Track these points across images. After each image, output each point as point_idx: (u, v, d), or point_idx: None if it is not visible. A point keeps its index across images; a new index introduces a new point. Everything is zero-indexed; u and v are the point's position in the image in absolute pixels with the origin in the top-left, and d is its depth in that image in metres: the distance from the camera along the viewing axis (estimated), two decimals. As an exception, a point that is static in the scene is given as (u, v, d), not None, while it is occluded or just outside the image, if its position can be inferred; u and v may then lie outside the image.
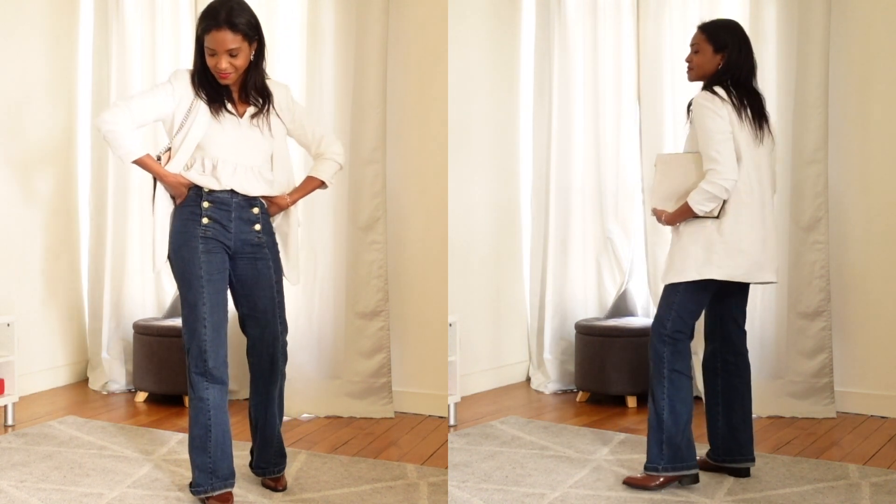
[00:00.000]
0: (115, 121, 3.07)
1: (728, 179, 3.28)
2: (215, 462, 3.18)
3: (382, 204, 4.54)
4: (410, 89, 4.62)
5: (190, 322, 3.13)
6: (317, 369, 4.60)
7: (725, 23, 3.51)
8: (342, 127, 4.55)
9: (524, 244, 5.29)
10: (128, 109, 3.09)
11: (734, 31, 3.44)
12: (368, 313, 4.55)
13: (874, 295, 4.51)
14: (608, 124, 5.02)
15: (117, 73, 4.96)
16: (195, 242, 3.14)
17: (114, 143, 3.09)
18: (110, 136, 3.07)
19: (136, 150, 3.11)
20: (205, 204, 3.15)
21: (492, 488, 3.45)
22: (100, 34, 5.05)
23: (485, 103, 5.06)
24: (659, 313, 3.45)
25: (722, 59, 3.39)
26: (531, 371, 5.23)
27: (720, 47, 3.40)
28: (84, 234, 5.21)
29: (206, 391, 3.15)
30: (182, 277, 3.15)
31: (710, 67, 3.41)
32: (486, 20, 5.07)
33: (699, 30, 3.47)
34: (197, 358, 3.13)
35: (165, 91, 3.15)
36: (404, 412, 4.59)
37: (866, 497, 3.33)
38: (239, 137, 3.19)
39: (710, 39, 3.41)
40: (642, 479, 3.44)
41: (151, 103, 3.14)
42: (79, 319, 5.23)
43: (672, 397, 3.39)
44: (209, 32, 3.06)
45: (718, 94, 3.35)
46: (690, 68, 3.47)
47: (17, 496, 3.27)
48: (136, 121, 3.11)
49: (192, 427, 3.18)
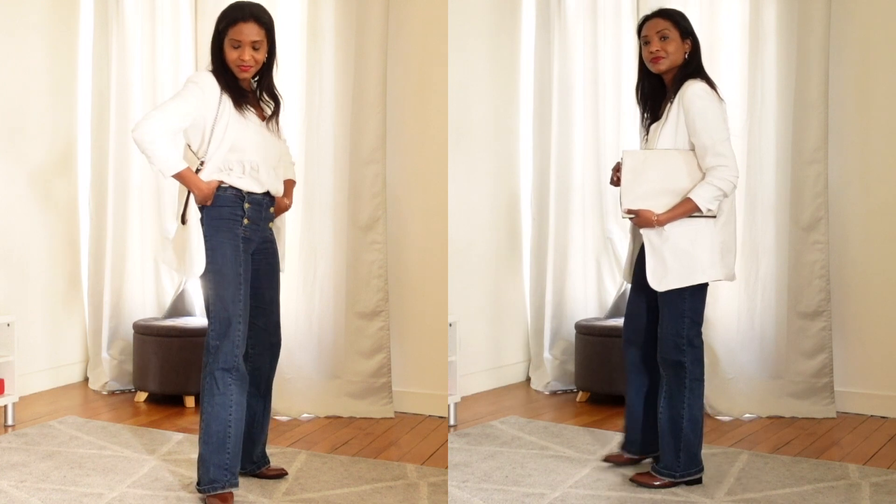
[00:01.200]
0: (154, 132, 3.02)
1: (736, 176, 3.25)
2: (232, 459, 3.21)
3: (382, 204, 4.54)
4: (410, 89, 4.62)
5: (224, 319, 3.17)
6: (317, 369, 4.60)
7: (679, 10, 3.45)
8: (342, 127, 4.55)
9: (524, 244, 5.29)
10: (164, 119, 3.05)
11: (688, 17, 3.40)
12: (368, 313, 4.55)
13: (874, 295, 4.51)
14: (608, 124, 5.02)
15: (117, 73, 4.96)
16: (237, 242, 3.19)
17: (154, 157, 3.05)
18: (150, 148, 3.03)
19: (178, 163, 3.09)
20: (246, 206, 3.21)
21: (492, 488, 3.45)
22: (100, 34, 5.05)
23: (485, 103, 5.06)
24: (668, 323, 3.33)
25: (689, 46, 3.33)
26: (531, 371, 5.23)
27: (686, 34, 3.33)
28: (84, 234, 5.21)
29: (229, 387, 3.19)
30: (222, 275, 3.16)
31: (680, 56, 3.32)
32: (486, 20, 5.07)
33: (662, 17, 3.34)
34: (228, 354, 3.18)
35: (196, 95, 3.12)
36: (404, 412, 4.59)
37: (866, 497, 3.33)
38: (264, 139, 3.26)
39: (678, 26, 3.32)
40: (647, 478, 3.44)
41: (186, 110, 3.10)
42: (79, 319, 5.23)
43: (692, 406, 3.36)
44: (235, 24, 3.14)
45: (714, 86, 3.31)
46: (660, 57, 3.30)
47: (17, 496, 3.27)
48: (173, 130, 3.09)
49: (210, 424, 3.18)
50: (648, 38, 3.34)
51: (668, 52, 3.30)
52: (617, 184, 3.42)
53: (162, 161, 3.06)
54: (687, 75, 3.32)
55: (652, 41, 3.32)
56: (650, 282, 3.30)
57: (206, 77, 3.17)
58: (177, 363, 4.64)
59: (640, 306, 3.51)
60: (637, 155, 3.36)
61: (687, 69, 3.33)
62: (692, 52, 3.34)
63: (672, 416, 3.38)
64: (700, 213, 3.28)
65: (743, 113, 4.49)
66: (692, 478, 3.42)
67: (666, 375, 3.40)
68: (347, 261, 4.58)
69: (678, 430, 3.37)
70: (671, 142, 3.31)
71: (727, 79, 4.53)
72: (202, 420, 3.20)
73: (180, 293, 5.03)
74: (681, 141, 3.30)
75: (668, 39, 3.30)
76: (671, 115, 3.31)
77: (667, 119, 3.33)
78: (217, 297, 3.17)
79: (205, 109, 3.13)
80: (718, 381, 4.50)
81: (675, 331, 3.33)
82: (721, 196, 3.25)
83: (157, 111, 3.09)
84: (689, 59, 3.33)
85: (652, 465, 3.50)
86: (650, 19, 3.36)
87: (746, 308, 4.55)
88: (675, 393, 3.37)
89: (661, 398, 3.42)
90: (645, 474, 3.47)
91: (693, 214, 3.28)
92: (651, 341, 3.48)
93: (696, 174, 3.28)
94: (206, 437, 3.20)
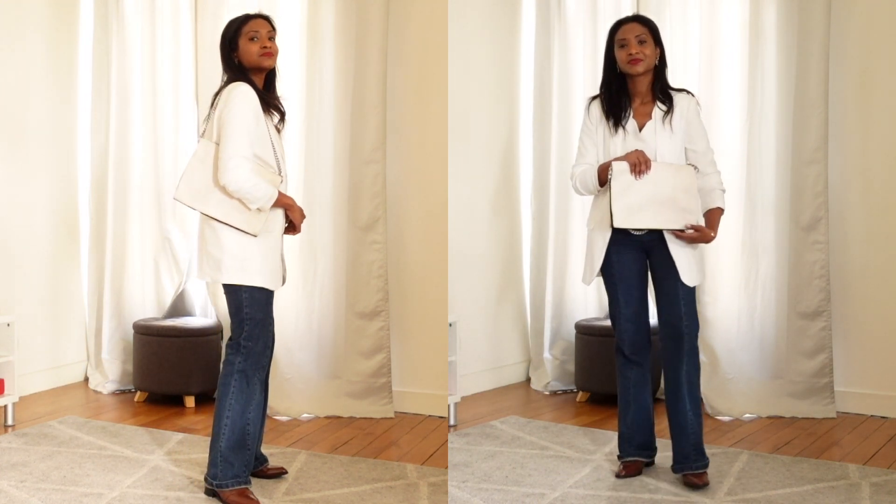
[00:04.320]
0: (247, 176, 3.09)
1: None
2: (250, 457, 3.29)
3: (382, 204, 4.54)
4: (410, 89, 4.62)
5: (259, 321, 3.23)
6: (317, 369, 4.61)
7: (651, 19, 3.55)
8: (342, 127, 4.55)
9: (524, 244, 5.29)
10: (244, 159, 3.11)
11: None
12: (368, 313, 4.55)
13: (874, 295, 4.51)
14: (608, 124, 5.02)
15: (117, 73, 4.96)
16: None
17: (253, 199, 3.12)
18: (249, 194, 3.11)
19: (273, 192, 3.16)
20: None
21: (492, 488, 3.45)
22: (100, 34, 5.05)
23: (485, 103, 5.06)
24: (690, 310, 3.43)
25: (658, 53, 3.44)
26: (531, 371, 5.23)
27: (658, 42, 3.45)
28: (84, 234, 5.21)
29: (255, 386, 3.26)
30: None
31: (653, 61, 3.43)
32: (487, 20, 5.07)
33: (640, 23, 3.43)
34: (260, 354, 3.25)
35: (251, 119, 3.14)
36: (404, 412, 4.59)
37: (866, 497, 3.33)
38: (283, 149, 3.36)
39: (653, 33, 3.43)
40: (703, 477, 3.48)
41: (252, 139, 3.15)
42: (79, 319, 5.23)
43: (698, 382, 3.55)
44: (248, 22, 3.26)
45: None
46: (640, 59, 3.38)
47: (17, 496, 3.27)
48: (251, 160, 3.14)
49: (235, 420, 3.22)
50: (626, 42, 3.42)
51: (646, 54, 3.40)
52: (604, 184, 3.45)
53: (262, 198, 3.13)
54: (666, 83, 3.47)
55: (630, 44, 3.41)
56: (687, 279, 3.39)
57: (248, 92, 3.17)
58: (177, 363, 4.64)
59: (642, 317, 3.56)
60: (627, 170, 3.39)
61: (663, 75, 3.47)
62: (661, 58, 3.47)
63: (693, 396, 3.44)
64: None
65: (743, 113, 4.50)
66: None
67: (688, 359, 3.42)
68: (347, 261, 4.58)
69: (700, 410, 3.48)
70: (678, 147, 3.44)
71: (727, 79, 4.54)
72: (225, 417, 3.22)
73: (180, 293, 5.03)
74: (680, 147, 3.45)
75: (645, 44, 3.40)
76: (673, 121, 3.42)
77: (664, 125, 3.42)
78: (253, 300, 3.22)
79: (259, 117, 3.18)
80: (718, 381, 4.50)
81: (698, 326, 3.47)
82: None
83: (236, 156, 3.09)
84: (660, 66, 3.46)
85: (694, 464, 3.47)
86: (627, 23, 3.46)
87: (746, 308, 4.55)
88: (697, 386, 3.45)
89: (683, 387, 3.43)
90: (701, 474, 3.46)
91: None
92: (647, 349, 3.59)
93: (693, 190, 3.40)
94: (229, 434, 3.22)
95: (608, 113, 3.46)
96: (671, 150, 3.41)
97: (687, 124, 3.43)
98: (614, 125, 3.44)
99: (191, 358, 4.63)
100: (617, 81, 3.47)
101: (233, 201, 3.14)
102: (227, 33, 3.27)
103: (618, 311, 3.52)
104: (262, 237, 3.19)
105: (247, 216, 3.15)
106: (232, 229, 3.15)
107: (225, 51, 3.27)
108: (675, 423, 3.47)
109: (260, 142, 3.17)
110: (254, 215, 3.15)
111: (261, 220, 3.16)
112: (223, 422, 3.22)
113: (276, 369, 3.50)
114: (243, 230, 3.15)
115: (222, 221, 3.15)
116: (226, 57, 3.27)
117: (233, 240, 3.16)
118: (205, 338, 4.70)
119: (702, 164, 3.45)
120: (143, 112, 4.97)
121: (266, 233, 3.20)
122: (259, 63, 3.23)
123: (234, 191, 3.10)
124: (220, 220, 3.15)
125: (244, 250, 3.16)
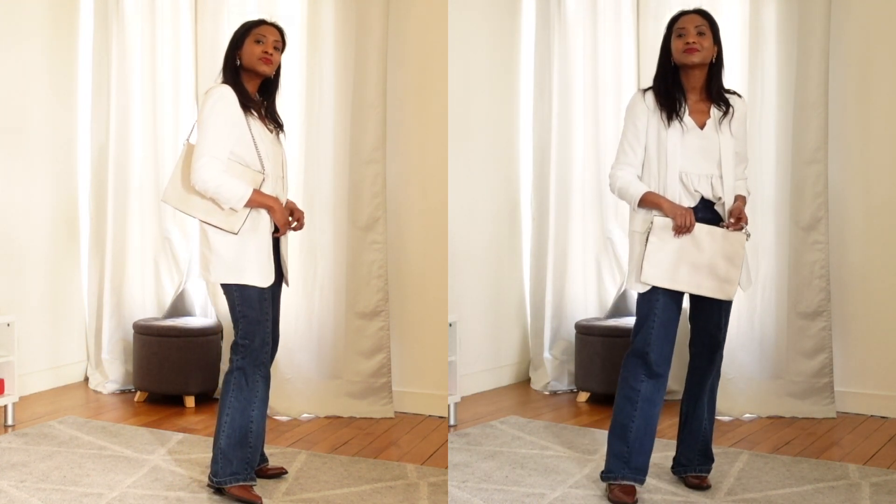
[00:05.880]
0: (212, 175, 3.09)
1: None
2: (252, 454, 3.29)
3: (382, 204, 4.54)
4: (410, 89, 4.62)
5: (254, 319, 3.23)
6: (317, 369, 4.61)
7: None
8: (342, 127, 4.55)
9: (524, 244, 5.29)
10: (213, 159, 3.10)
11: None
12: (368, 313, 4.55)
13: (874, 295, 4.51)
14: (608, 124, 5.02)
15: (117, 73, 4.96)
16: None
17: (223, 196, 3.11)
18: (217, 192, 3.10)
19: (245, 190, 3.13)
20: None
21: (492, 488, 3.45)
22: (100, 34, 5.05)
23: (485, 103, 5.06)
24: (726, 322, 3.40)
25: (716, 51, 3.32)
26: (531, 371, 5.23)
27: (717, 40, 3.32)
28: (84, 234, 5.21)
29: (257, 384, 3.27)
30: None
31: (709, 56, 3.29)
32: (487, 20, 5.07)
33: (700, 15, 3.30)
34: (259, 351, 3.24)
35: (226, 119, 3.14)
36: (404, 412, 4.59)
37: (866, 497, 3.33)
38: (276, 152, 3.33)
39: (713, 28, 3.31)
40: (705, 480, 3.48)
41: (227, 141, 3.14)
42: (79, 319, 5.23)
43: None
44: (259, 26, 3.28)
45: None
46: (697, 49, 3.24)
47: (17, 496, 3.27)
48: (224, 162, 3.14)
49: (235, 418, 3.24)
50: (685, 31, 3.28)
51: (704, 46, 3.26)
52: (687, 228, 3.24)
53: (230, 198, 3.11)
54: (722, 84, 3.34)
55: (688, 33, 3.27)
56: (744, 286, 3.35)
57: (228, 95, 3.17)
58: (177, 363, 4.64)
59: (673, 325, 3.34)
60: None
61: (719, 75, 3.34)
62: (718, 56, 3.34)
63: (712, 403, 3.46)
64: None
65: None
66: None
67: (716, 369, 3.43)
68: (347, 261, 4.58)
69: (714, 416, 3.51)
70: (734, 151, 3.30)
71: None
72: (225, 414, 3.24)
73: (180, 293, 5.03)
74: (734, 151, 3.33)
75: (704, 36, 3.27)
76: (732, 125, 3.30)
77: (723, 126, 3.29)
78: (244, 298, 3.23)
79: (238, 118, 3.16)
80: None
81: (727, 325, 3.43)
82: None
83: (206, 156, 3.10)
84: (716, 64, 3.33)
85: (698, 468, 3.46)
86: (688, 13, 3.33)
87: (746, 308, 4.55)
88: (716, 380, 3.46)
89: (706, 395, 3.43)
90: (703, 476, 3.45)
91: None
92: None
93: (737, 259, 3.26)
94: (229, 431, 3.24)
95: (662, 105, 3.29)
96: (731, 153, 3.28)
97: (740, 127, 3.33)
98: (667, 118, 3.27)
99: (191, 358, 4.63)
100: (672, 74, 3.33)
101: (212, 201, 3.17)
102: (237, 32, 3.30)
103: (652, 315, 3.30)
104: (250, 235, 3.19)
105: (225, 215, 3.16)
106: (217, 229, 3.17)
107: (230, 49, 3.27)
108: (687, 428, 3.44)
109: (239, 142, 3.17)
110: (231, 214, 3.15)
111: (240, 219, 3.16)
112: (223, 419, 3.24)
113: (277, 369, 3.50)
114: (223, 229, 3.16)
115: (205, 221, 3.18)
116: (228, 55, 3.27)
117: (218, 240, 3.18)
118: (205, 338, 4.70)
119: (738, 170, 3.35)
120: (143, 112, 4.97)
121: (252, 231, 3.19)
122: (256, 66, 3.23)
123: (201, 190, 3.12)
124: (203, 220, 3.19)
125: (230, 249, 3.18)
